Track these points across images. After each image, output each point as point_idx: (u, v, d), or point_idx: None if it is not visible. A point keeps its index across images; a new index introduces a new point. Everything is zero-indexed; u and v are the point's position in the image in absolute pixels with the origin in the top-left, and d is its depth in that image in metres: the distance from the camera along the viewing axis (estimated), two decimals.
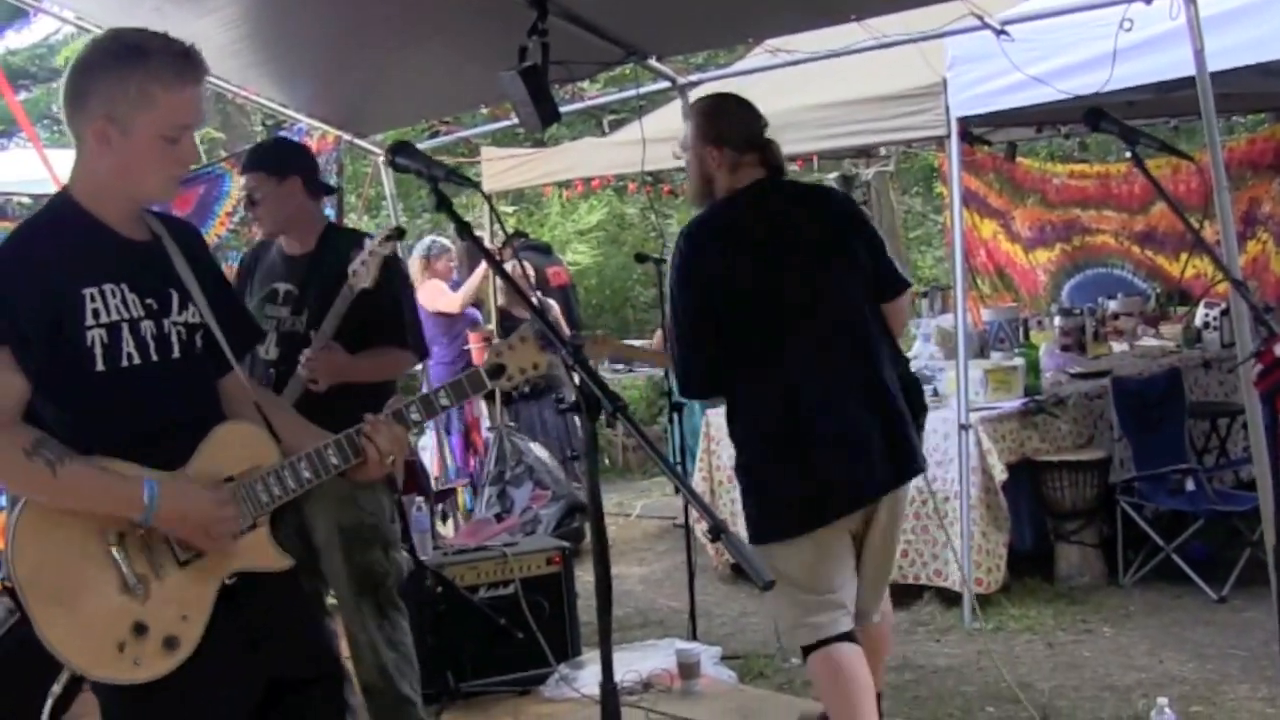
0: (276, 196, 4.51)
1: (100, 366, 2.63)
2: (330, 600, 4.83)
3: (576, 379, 2.55)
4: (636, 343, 11.23)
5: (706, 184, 4.33)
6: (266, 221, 4.61)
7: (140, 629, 2.60)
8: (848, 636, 4.11)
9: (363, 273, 4.23)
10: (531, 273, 8.89)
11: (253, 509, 2.75)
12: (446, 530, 8.11)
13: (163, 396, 2.72)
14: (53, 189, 6.67)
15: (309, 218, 4.60)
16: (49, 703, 2.58)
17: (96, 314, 2.63)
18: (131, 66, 2.62)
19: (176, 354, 2.75)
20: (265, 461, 2.80)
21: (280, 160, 4.59)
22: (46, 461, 2.54)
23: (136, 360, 2.68)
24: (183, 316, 2.78)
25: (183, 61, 2.66)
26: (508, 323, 8.93)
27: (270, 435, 2.86)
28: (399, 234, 4.34)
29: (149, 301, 2.71)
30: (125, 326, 2.67)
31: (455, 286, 9.01)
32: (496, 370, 2.88)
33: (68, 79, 2.69)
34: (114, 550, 2.61)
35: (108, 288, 2.66)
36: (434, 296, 8.60)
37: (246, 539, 2.76)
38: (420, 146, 2.94)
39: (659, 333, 8.81)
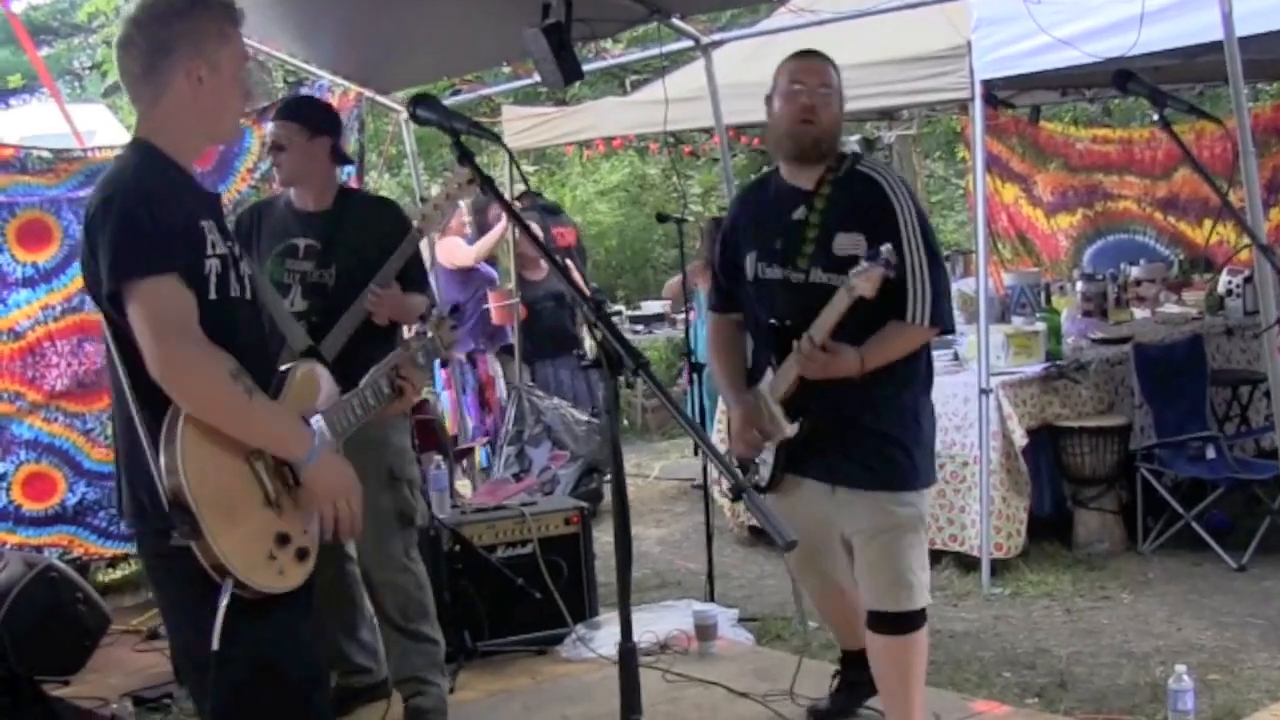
0: (304, 150, 4.60)
1: (214, 295, 2.76)
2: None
3: (598, 335, 2.55)
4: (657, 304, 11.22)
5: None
6: (286, 170, 4.69)
7: (283, 539, 2.76)
8: None
9: (435, 217, 4.45)
10: (539, 232, 8.82)
11: (333, 439, 2.98)
12: (465, 489, 8.13)
13: (254, 329, 2.95)
14: (72, 143, 6.74)
15: (327, 178, 4.69)
16: (220, 615, 2.67)
17: (213, 245, 2.78)
18: (203, 10, 2.83)
19: (249, 295, 2.92)
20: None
21: (316, 118, 4.70)
22: (246, 389, 2.68)
23: (237, 293, 2.84)
24: (244, 266, 2.93)
25: (231, 7, 2.89)
26: (522, 287, 8.90)
27: (331, 376, 3.09)
28: (473, 181, 4.32)
29: (229, 244, 2.87)
30: (229, 260, 2.82)
31: (468, 243, 8.98)
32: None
33: (144, 35, 2.81)
34: (258, 465, 2.76)
35: (210, 224, 2.80)
36: (452, 252, 8.58)
37: None
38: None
39: (675, 279, 8.83)
